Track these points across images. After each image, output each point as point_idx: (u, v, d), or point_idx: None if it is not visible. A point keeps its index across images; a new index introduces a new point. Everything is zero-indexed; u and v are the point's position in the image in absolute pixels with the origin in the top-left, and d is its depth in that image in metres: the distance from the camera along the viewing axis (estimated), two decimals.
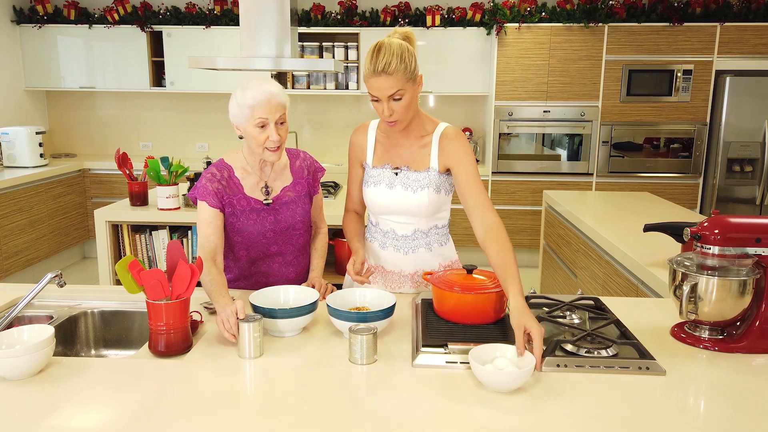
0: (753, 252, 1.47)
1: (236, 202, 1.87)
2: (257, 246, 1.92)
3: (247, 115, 1.75)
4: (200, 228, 1.84)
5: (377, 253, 1.94)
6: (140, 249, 3.37)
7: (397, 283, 1.94)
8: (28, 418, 1.18)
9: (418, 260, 1.91)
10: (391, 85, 1.65)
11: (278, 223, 1.91)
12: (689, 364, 1.44)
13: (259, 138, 1.77)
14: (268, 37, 2.83)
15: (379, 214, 1.90)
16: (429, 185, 1.81)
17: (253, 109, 1.74)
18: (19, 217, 4.56)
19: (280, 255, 1.96)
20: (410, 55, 1.68)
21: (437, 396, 1.27)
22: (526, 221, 5.27)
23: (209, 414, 1.20)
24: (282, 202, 1.93)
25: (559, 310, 1.69)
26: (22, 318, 1.83)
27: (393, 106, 1.69)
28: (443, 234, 1.94)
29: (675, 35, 4.92)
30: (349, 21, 5.21)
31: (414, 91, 1.71)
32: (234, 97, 1.78)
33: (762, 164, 4.91)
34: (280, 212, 1.92)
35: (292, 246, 1.97)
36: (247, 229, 1.88)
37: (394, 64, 1.64)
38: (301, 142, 5.75)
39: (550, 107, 5.10)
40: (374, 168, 1.89)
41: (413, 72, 1.69)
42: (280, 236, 1.93)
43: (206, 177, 1.87)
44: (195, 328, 1.60)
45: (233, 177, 1.88)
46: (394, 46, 1.66)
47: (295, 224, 1.95)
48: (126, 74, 5.37)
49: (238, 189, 1.88)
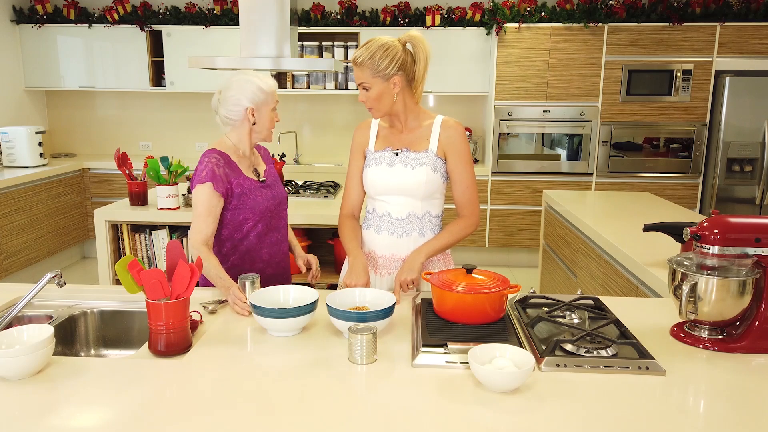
0: (753, 252, 1.47)
1: (242, 182, 2.03)
2: (264, 219, 2.09)
3: (270, 99, 2.03)
4: (200, 214, 1.95)
5: (371, 238, 2.03)
6: (140, 249, 3.37)
7: (388, 268, 2.00)
8: (28, 418, 1.18)
9: (411, 244, 1.98)
10: (359, 75, 1.87)
11: (275, 197, 2.13)
12: (689, 363, 1.44)
13: (272, 120, 2.07)
14: (267, 36, 2.83)
15: (377, 195, 2.00)
16: (427, 163, 1.92)
17: (273, 95, 2.04)
18: (18, 216, 4.56)
19: (276, 230, 2.16)
20: (385, 56, 1.83)
21: (437, 396, 1.27)
22: (526, 221, 5.27)
23: (209, 414, 1.20)
24: (270, 180, 2.15)
25: (559, 310, 1.69)
26: (21, 318, 1.83)
27: (363, 94, 1.90)
28: (436, 224, 2.02)
29: (675, 35, 4.92)
30: (348, 21, 5.21)
31: (383, 88, 1.87)
32: (254, 85, 1.99)
33: (762, 164, 4.91)
34: (273, 188, 2.14)
35: (283, 220, 2.20)
36: (258, 204, 2.05)
37: (362, 58, 1.84)
38: (300, 142, 5.75)
39: (549, 107, 5.10)
40: (376, 152, 2.01)
41: (383, 72, 1.84)
42: (277, 209, 2.15)
43: (211, 162, 1.97)
44: (195, 328, 1.61)
45: (231, 161, 2.04)
46: (375, 44, 1.84)
47: (283, 199, 2.19)
48: (126, 74, 5.37)
49: (238, 171, 2.04)
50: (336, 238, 3.23)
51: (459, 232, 1.96)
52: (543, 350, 1.44)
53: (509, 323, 1.61)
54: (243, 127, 2.04)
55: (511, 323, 1.63)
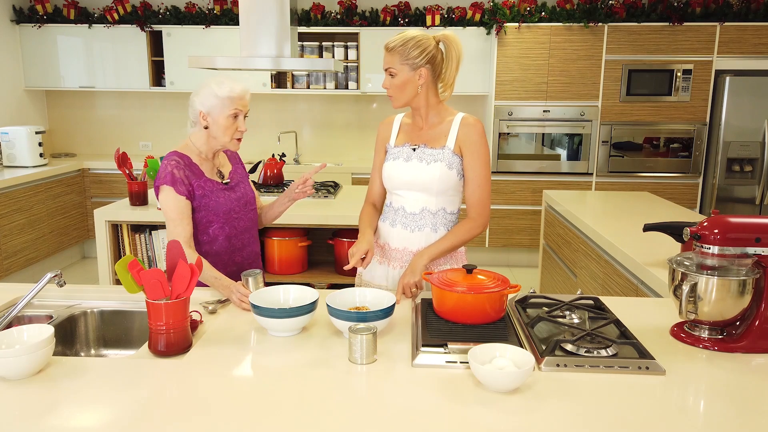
0: (753, 252, 1.47)
1: (204, 184, 2.02)
2: (230, 221, 2.08)
3: (225, 105, 1.95)
4: (173, 219, 1.95)
5: (386, 231, 2.06)
6: (140, 249, 3.37)
7: (400, 261, 2.02)
8: (28, 418, 1.18)
9: (424, 239, 1.99)
10: (388, 60, 1.91)
11: (240, 199, 2.12)
12: (689, 363, 1.44)
13: (230, 128, 1.99)
14: (267, 36, 2.83)
15: (394, 189, 2.02)
16: (442, 160, 1.94)
17: (231, 101, 1.95)
18: (18, 216, 4.56)
19: (247, 231, 2.15)
20: (417, 46, 1.88)
21: (437, 396, 1.27)
22: (526, 221, 5.27)
23: (209, 414, 1.20)
24: (235, 182, 2.14)
25: (559, 310, 1.69)
26: (21, 318, 1.83)
27: (388, 80, 1.93)
28: (451, 221, 2.03)
29: (675, 35, 4.92)
30: (348, 21, 5.21)
31: (408, 77, 1.90)
32: (209, 89, 1.96)
33: (762, 164, 4.91)
34: (238, 190, 2.12)
35: (252, 221, 2.18)
36: (220, 206, 2.04)
37: (394, 44, 1.89)
38: (301, 142, 5.75)
39: (549, 107, 5.10)
40: (396, 147, 2.04)
41: (411, 60, 1.88)
42: (244, 210, 2.13)
43: (171, 164, 1.97)
44: (195, 328, 1.61)
45: (193, 164, 2.03)
46: (410, 34, 1.90)
47: (251, 200, 2.17)
48: (126, 74, 5.37)
49: (200, 173, 2.03)
50: (336, 238, 3.23)
51: (464, 234, 1.96)
52: (543, 350, 1.44)
53: (509, 323, 1.62)
54: (201, 131, 2.02)
55: (511, 323, 1.63)
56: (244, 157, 5.53)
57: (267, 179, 3.78)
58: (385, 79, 1.95)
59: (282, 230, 3.25)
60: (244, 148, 5.64)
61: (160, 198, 1.97)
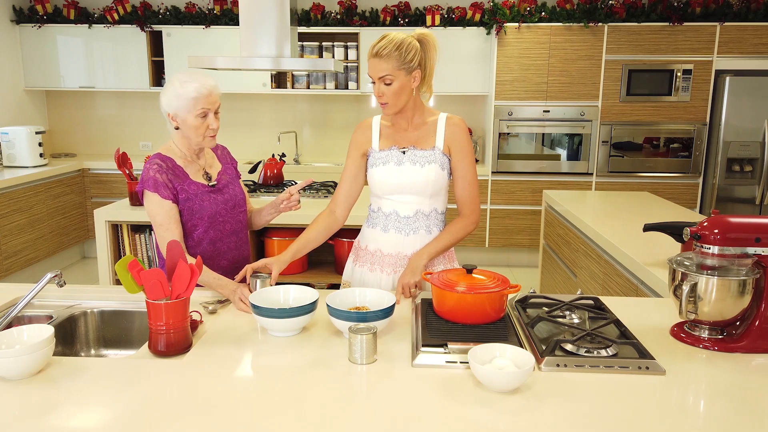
0: (753, 252, 1.47)
1: (187, 187, 1.96)
2: (216, 225, 2.02)
3: (190, 105, 1.88)
4: (162, 224, 1.90)
5: (379, 237, 2.02)
6: (140, 249, 3.37)
7: (394, 266, 2.00)
8: (28, 418, 1.18)
9: (418, 242, 1.99)
10: (383, 68, 1.82)
11: (227, 201, 2.05)
12: (689, 363, 1.44)
13: (200, 127, 1.91)
14: (267, 36, 2.83)
15: (385, 194, 1.99)
16: (435, 161, 1.93)
17: (196, 101, 1.88)
18: (18, 216, 4.56)
19: (234, 234, 2.09)
20: (410, 49, 1.83)
21: (437, 396, 1.27)
22: (526, 221, 5.27)
23: (209, 414, 1.20)
24: (223, 183, 2.07)
25: (559, 310, 1.69)
26: (21, 318, 1.83)
27: (383, 89, 1.85)
28: (442, 221, 2.04)
29: (675, 35, 4.92)
30: (348, 21, 5.21)
31: (405, 82, 1.85)
32: (172, 90, 1.88)
33: (762, 164, 4.91)
34: (225, 192, 2.05)
35: (241, 223, 2.12)
36: (205, 209, 1.98)
37: (388, 50, 1.81)
38: (301, 142, 5.75)
39: (549, 107, 5.10)
40: (381, 151, 1.99)
41: (408, 64, 1.83)
42: (231, 213, 2.07)
43: (153, 168, 1.91)
44: (195, 328, 1.61)
45: (177, 166, 1.97)
46: (397, 37, 1.83)
47: (240, 202, 2.10)
48: (126, 74, 5.37)
49: (184, 175, 1.97)
50: (336, 238, 3.23)
51: (459, 231, 1.97)
52: (543, 350, 1.44)
53: (509, 323, 1.62)
54: (175, 131, 1.96)
55: (511, 323, 1.63)
56: (244, 157, 5.53)
57: (267, 179, 3.78)
58: (377, 87, 1.86)
59: (282, 230, 3.25)
60: (244, 148, 5.64)
61: (145, 203, 1.92)
